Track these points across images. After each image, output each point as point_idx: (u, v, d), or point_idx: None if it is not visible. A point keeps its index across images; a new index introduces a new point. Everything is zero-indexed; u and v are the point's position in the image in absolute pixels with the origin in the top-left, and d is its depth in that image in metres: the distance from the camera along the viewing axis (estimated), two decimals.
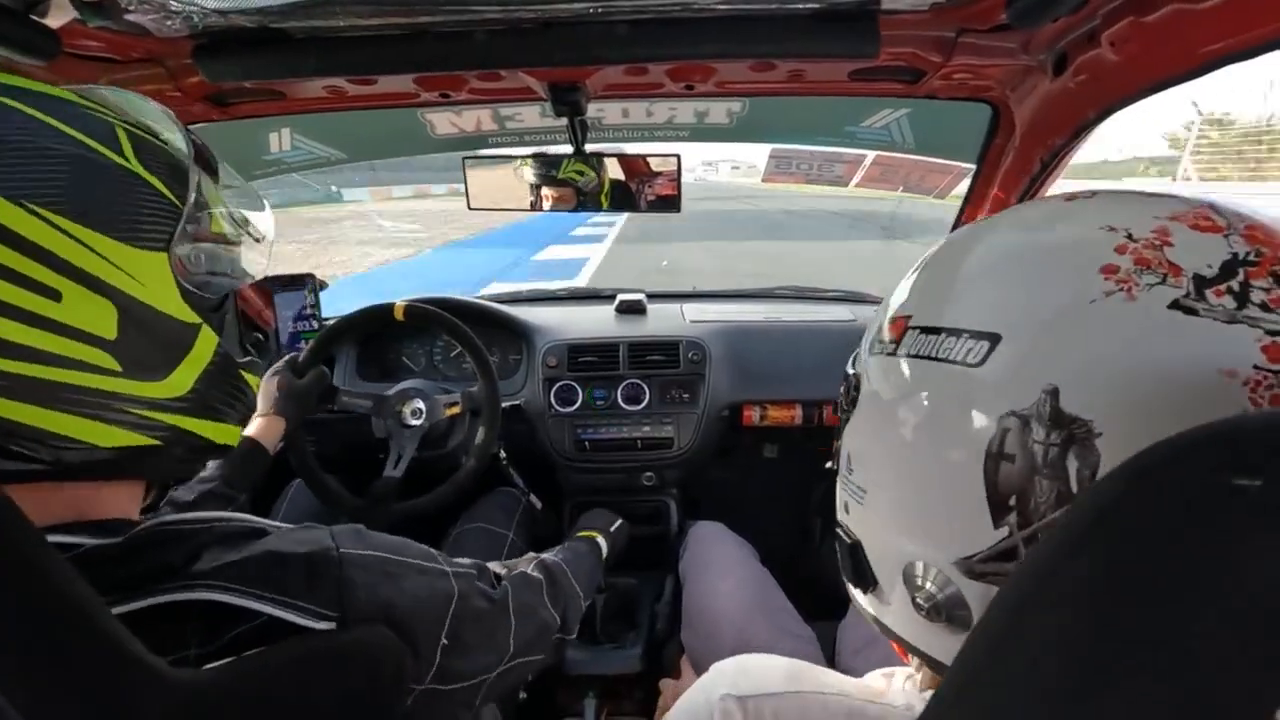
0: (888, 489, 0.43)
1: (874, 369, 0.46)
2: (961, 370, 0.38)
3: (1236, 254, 0.34)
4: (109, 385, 0.43)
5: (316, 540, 0.50)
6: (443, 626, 0.57)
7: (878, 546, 0.45)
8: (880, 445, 0.44)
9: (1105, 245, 0.36)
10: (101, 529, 0.45)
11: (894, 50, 0.92)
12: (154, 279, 0.45)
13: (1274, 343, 0.31)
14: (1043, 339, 0.36)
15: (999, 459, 0.35)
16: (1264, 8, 0.59)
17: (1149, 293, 0.34)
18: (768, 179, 1.77)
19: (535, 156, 1.19)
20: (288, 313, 1.40)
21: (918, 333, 0.42)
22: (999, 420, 0.35)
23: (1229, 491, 0.23)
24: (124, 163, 0.44)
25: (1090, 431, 0.33)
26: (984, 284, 0.41)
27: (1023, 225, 0.45)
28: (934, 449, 0.39)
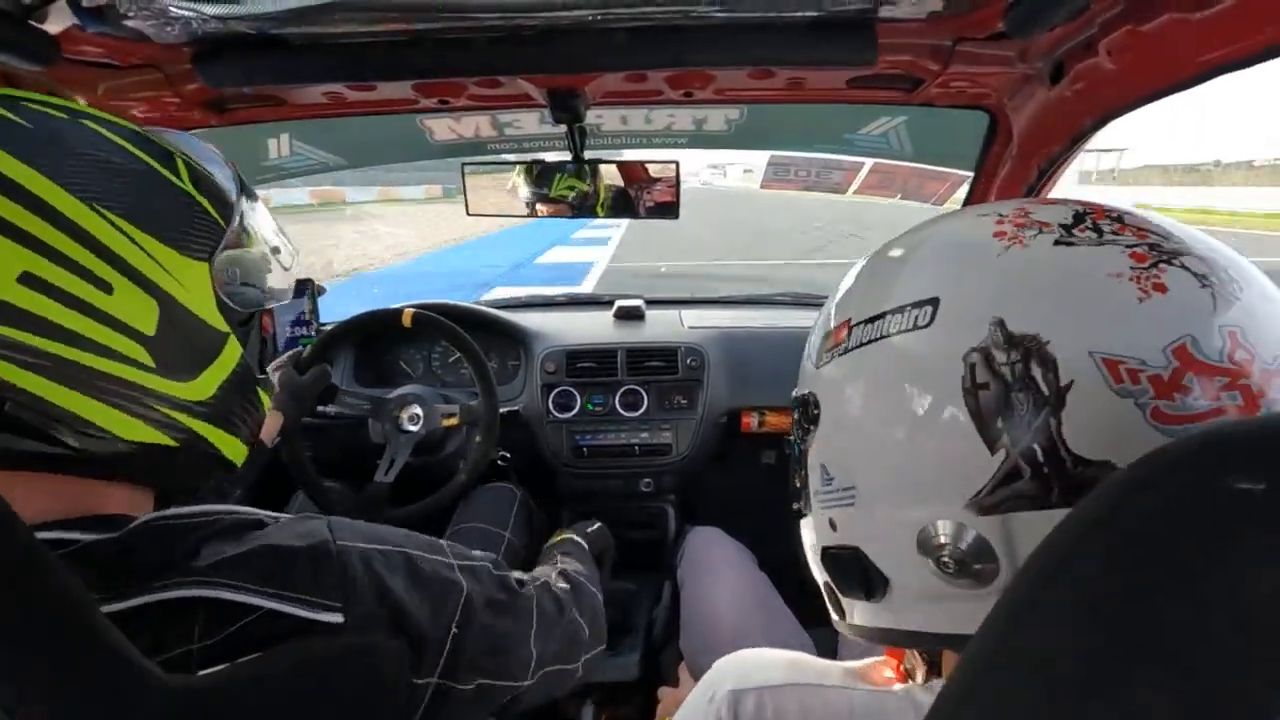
0: (880, 471, 0.46)
1: (828, 376, 0.50)
2: (915, 334, 0.43)
3: (1077, 211, 0.44)
4: (141, 379, 0.45)
5: (315, 532, 0.50)
6: (448, 618, 0.56)
7: (881, 535, 0.46)
8: (859, 438, 0.47)
9: (986, 224, 0.45)
10: (100, 524, 0.45)
11: (892, 58, 0.92)
12: (195, 285, 0.49)
13: (1134, 251, 0.40)
14: (972, 288, 0.43)
15: (975, 391, 0.40)
16: (1260, 17, 0.59)
17: (1035, 239, 0.42)
18: (766, 185, 1.78)
19: (530, 167, 1.19)
20: (286, 318, 1.40)
21: (863, 325, 0.47)
22: (964, 359, 0.40)
23: (1232, 495, 0.23)
24: (181, 184, 0.50)
25: (1039, 341, 0.39)
26: (907, 271, 0.48)
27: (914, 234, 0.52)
28: (914, 409, 0.43)
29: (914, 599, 0.45)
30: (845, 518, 0.48)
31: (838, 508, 0.48)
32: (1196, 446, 0.26)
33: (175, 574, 0.44)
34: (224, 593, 0.44)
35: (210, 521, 0.48)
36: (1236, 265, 0.41)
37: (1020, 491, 0.39)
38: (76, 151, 0.44)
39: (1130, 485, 0.26)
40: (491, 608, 0.62)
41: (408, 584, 0.53)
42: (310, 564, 0.48)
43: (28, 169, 0.41)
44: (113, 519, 0.46)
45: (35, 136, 0.43)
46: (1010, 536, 0.40)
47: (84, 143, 0.45)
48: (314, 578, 0.47)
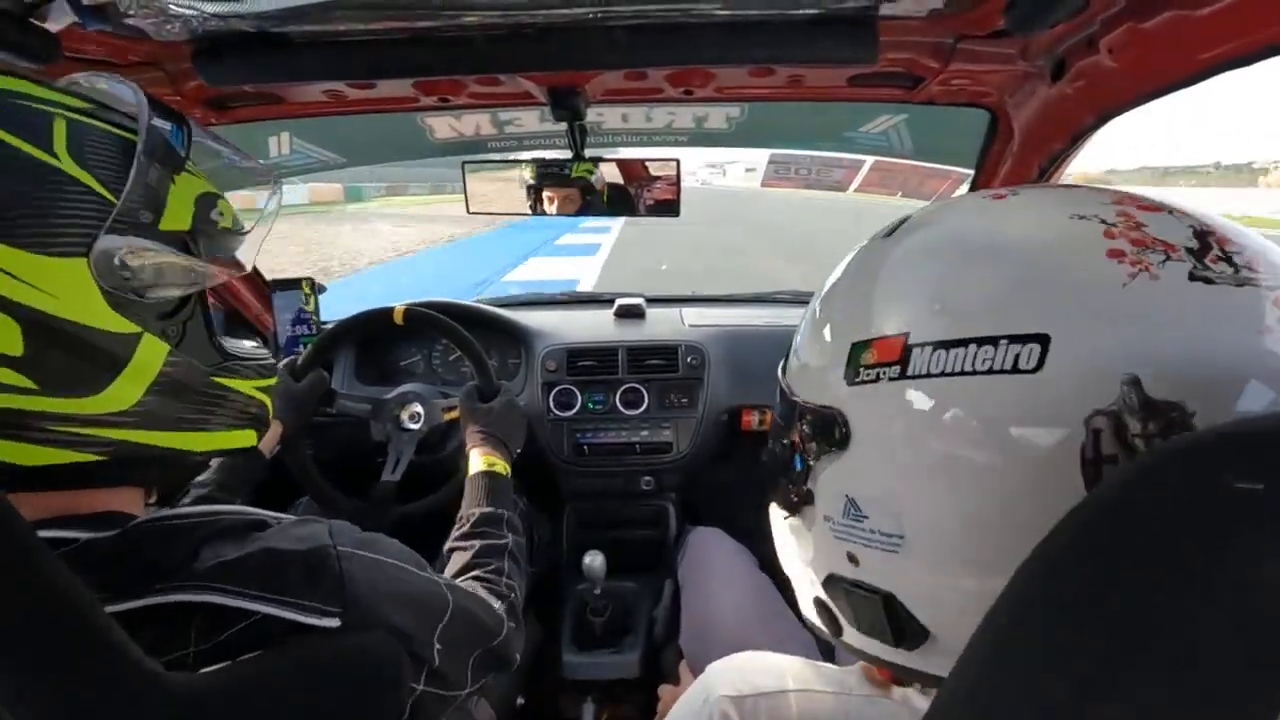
0: (946, 531, 0.39)
1: (875, 399, 0.41)
2: (1014, 379, 0.35)
3: (1193, 227, 0.36)
4: (23, 404, 0.40)
5: (315, 537, 0.50)
6: (434, 630, 0.57)
7: (933, 595, 0.40)
8: (919, 488, 0.39)
9: (1093, 231, 0.37)
10: (98, 523, 0.45)
11: (892, 56, 0.92)
12: (69, 289, 0.41)
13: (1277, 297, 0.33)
14: (1095, 330, 0.35)
15: (1098, 463, 0.33)
16: (1262, 14, 0.59)
17: (1165, 269, 0.34)
18: (766, 184, 1.78)
19: (534, 162, 1.19)
20: (286, 316, 1.40)
21: (929, 349, 0.38)
22: (1086, 422, 0.33)
23: (1231, 495, 0.23)
24: (48, 159, 0.40)
25: (1184, 412, 0.32)
26: (994, 286, 0.38)
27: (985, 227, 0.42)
28: (1009, 472, 0.36)
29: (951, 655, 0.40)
30: (879, 562, 0.42)
31: (869, 549, 0.42)
32: (1195, 447, 0.26)
33: (174, 578, 0.43)
34: (221, 598, 0.43)
35: (210, 521, 0.48)
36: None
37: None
38: None
39: (1129, 485, 0.26)
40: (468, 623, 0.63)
41: (400, 595, 0.53)
42: (308, 569, 0.47)
43: None
44: (112, 517, 0.46)
45: None
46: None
47: None
48: (311, 583, 0.47)
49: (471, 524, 0.87)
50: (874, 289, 0.44)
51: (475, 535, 0.86)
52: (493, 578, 0.80)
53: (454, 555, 0.83)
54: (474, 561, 0.82)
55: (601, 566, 1.32)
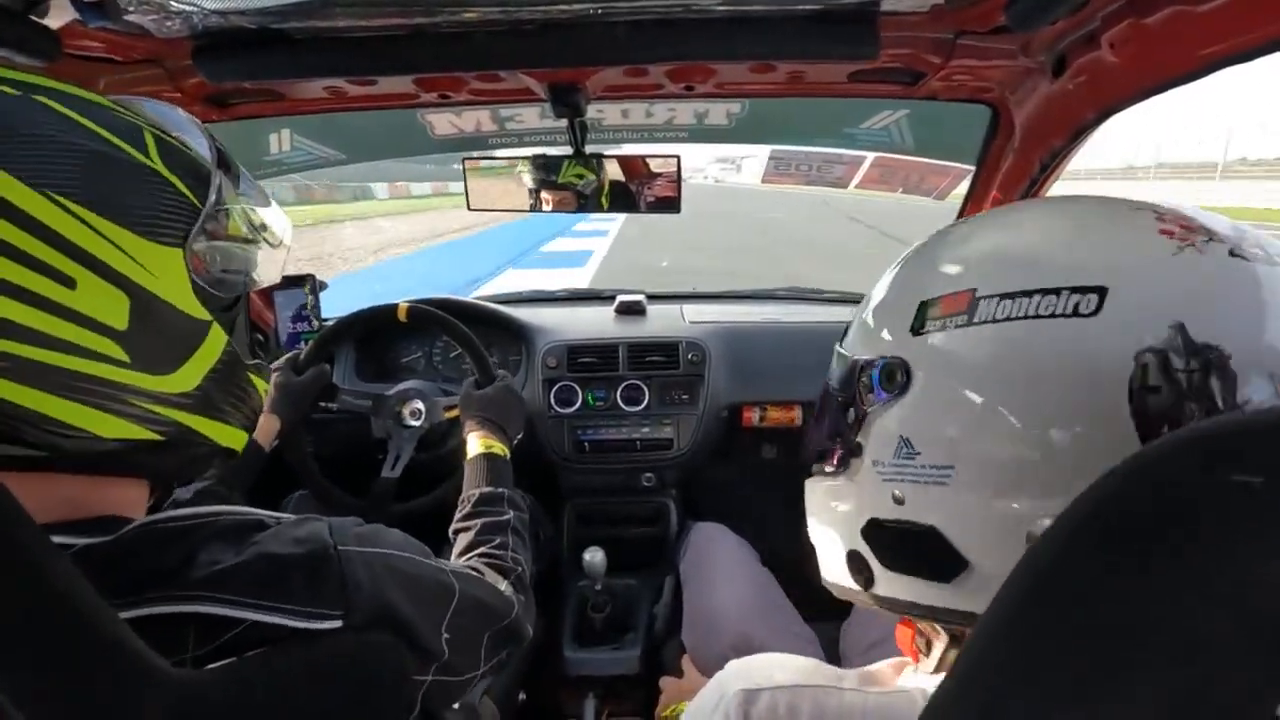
0: (999, 459, 0.43)
1: (937, 345, 0.46)
2: (1075, 321, 0.41)
3: (1235, 225, 0.42)
4: (116, 375, 0.43)
5: (315, 538, 0.49)
6: (442, 621, 0.57)
7: (975, 522, 0.44)
8: (976, 420, 0.43)
9: (1147, 217, 0.43)
10: (94, 528, 0.45)
11: (893, 52, 0.92)
12: (168, 273, 0.46)
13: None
14: (1149, 285, 0.40)
15: (1145, 392, 0.38)
16: (1263, 10, 0.59)
17: (1209, 245, 0.40)
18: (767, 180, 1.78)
19: (534, 159, 1.19)
20: (287, 313, 1.40)
21: (995, 300, 0.43)
22: (1136, 357, 0.38)
23: (1231, 488, 0.23)
24: (148, 162, 0.45)
25: (1223, 354, 0.37)
26: (1059, 251, 0.44)
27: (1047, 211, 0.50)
28: (1065, 400, 0.41)
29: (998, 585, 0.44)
30: (925, 495, 0.46)
31: (916, 484, 0.46)
32: (1194, 441, 0.26)
33: (170, 587, 0.43)
34: (218, 608, 0.43)
35: (208, 523, 0.47)
36: None
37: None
38: (28, 133, 0.41)
39: (1128, 479, 0.26)
40: (477, 608, 0.64)
41: (404, 589, 0.53)
42: (308, 572, 0.47)
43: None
44: (109, 521, 0.46)
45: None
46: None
47: (37, 123, 0.42)
48: (312, 586, 0.47)
49: (472, 504, 0.90)
50: (941, 255, 0.50)
51: (477, 514, 0.88)
52: (498, 553, 0.81)
53: (459, 537, 0.86)
54: (477, 539, 0.83)
55: (602, 563, 1.32)
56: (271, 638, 0.44)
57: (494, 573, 0.76)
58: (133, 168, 0.45)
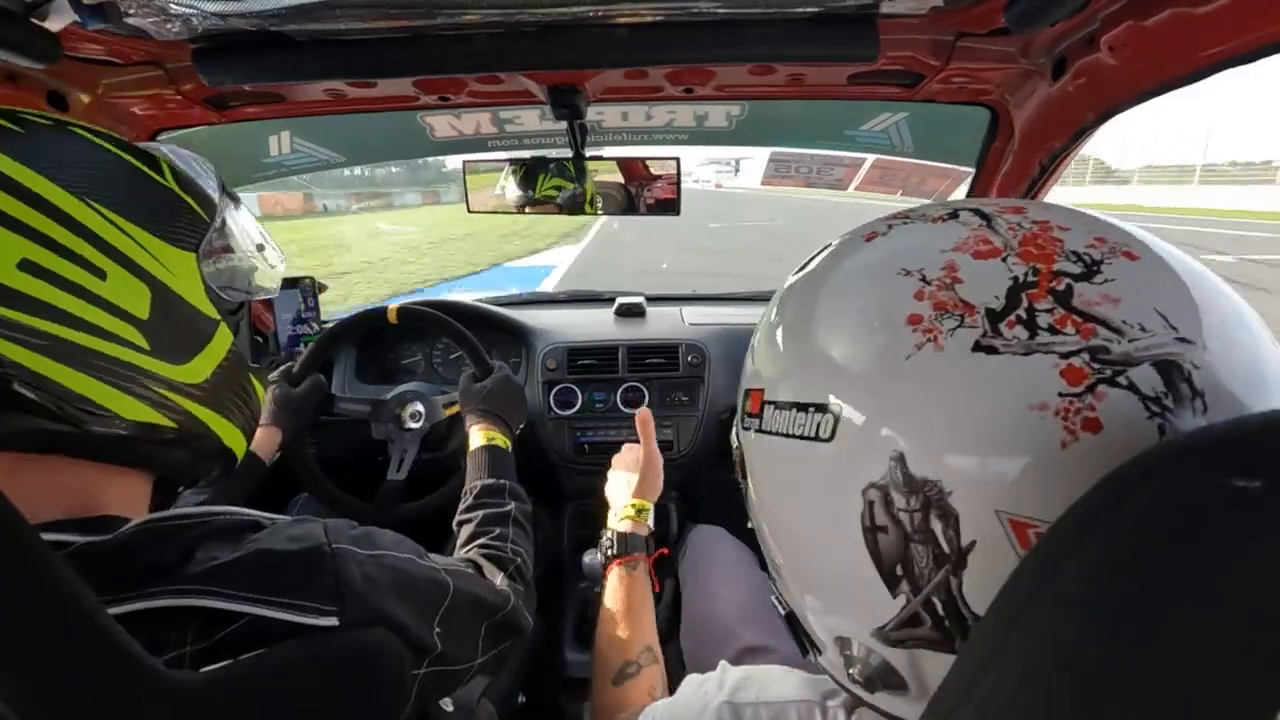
0: (798, 563, 0.43)
1: (748, 445, 0.45)
2: (818, 446, 0.38)
3: (1016, 277, 0.35)
4: (137, 360, 0.48)
5: (310, 536, 0.51)
6: (435, 618, 0.58)
7: (806, 617, 0.44)
8: (777, 521, 0.44)
9: (905, 292, 0.37)
10: (92, 526, 0.46)
11: (893, 54, 0.92)
12: (184, 273, 0.52)
13: (1069, 365, 0.31)
14: (876, 404, 0.36)
15: (875, 531, 0.35)
16: (1262, 11, 0.59)
17: (952, 338, 0.34)
18: (766, 182, 1.78)
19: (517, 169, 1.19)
20: (286, 315, 1.40)
21: (773, 408, 0.42)
22: (863, 494, 0.35)
23: (1229, 493, 0.23)
24: (165, 183, 0.53)
25: (942, 491, 0.33)
26: (810, 353, 0.41)
27: (835, 281, 0.44)
28: (820, 526, 0.39)
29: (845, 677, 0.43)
30: (779, 580, 0.46)
31: (772, 567, 0.47)
32: (1192, 446, 0.26)
33: (167, 581, 0.44)
34: (215, 601, 0.44)
35: (205, 522, 0.48)
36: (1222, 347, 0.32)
37: (923, 636, 0.35)
38: (70, 153, 0.48)
39: (1125, 484, 0.26)
40: (471, 604, 0.65)
41: (397, 588, 0.54)
42: (303, 568, 0.48)
43: (25, 168, 0.44)
44: (107, 521, 0.47)
45: (31, 141, 0.47)
46: (918, 666, 0.37)
47: (75, 146, 0.49)
48: (307, 583, 0.47)
49: (474, 496, 0.91)
50: (755, 342, 0.48)
51: (478, 506, 0.90)
52: (497, 544, 0.82)
53: (461, 528, 0.87)
54: (478, 531, 0.85)
55: (602, 565, 1.32)
56: (268, 635, 0.45)
57: (491, 565, 0.77)
58: (153, 185, 0.52)
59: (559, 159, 1.18)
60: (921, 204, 0.47)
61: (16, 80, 0.88)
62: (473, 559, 0.78)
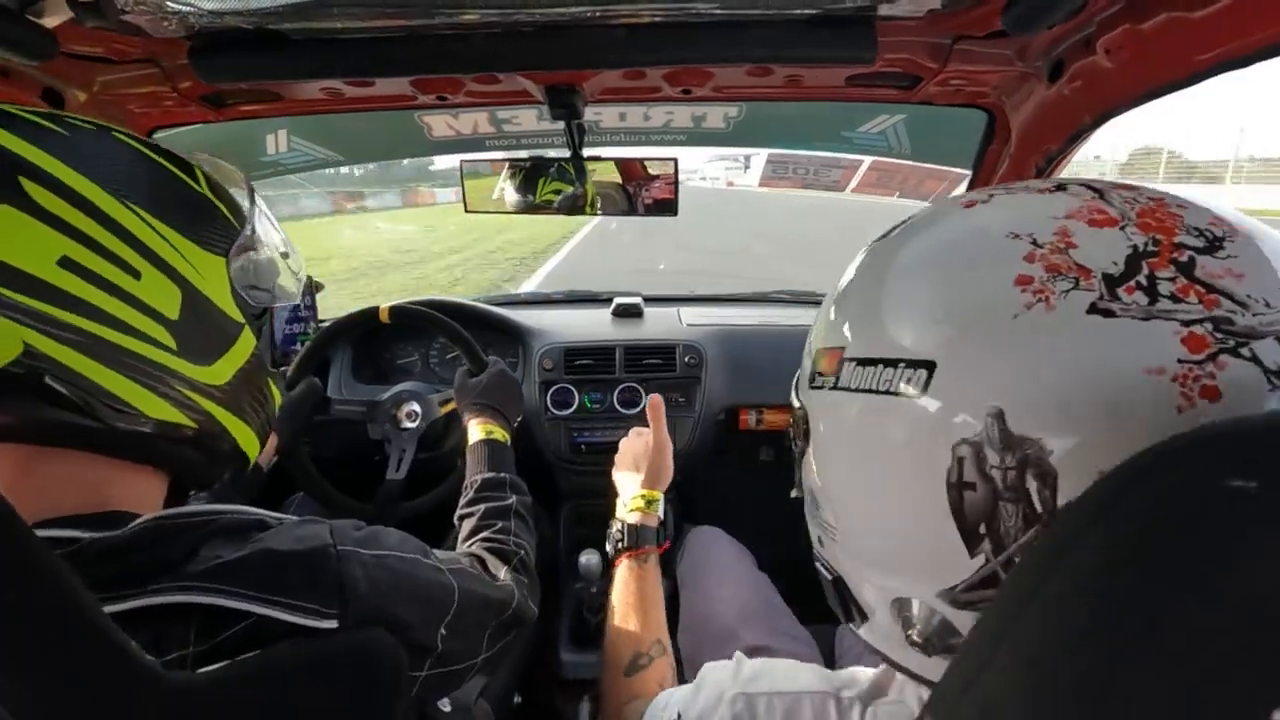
0: (858, 527, 0.42)
1: (817, 405, 0.44)
2: (906, 402, 0.37)
3: (1136, 246, 0.34)
4: (164, 359, 0.49)
5: (316, 537, 0.51)
6: (439, 620, 0.58)
7: (861, 582, 0.44)
8: (841, 483, 0.43)
9: (1015, 254, 0.36)
10: (100, 523, 0.46)
11: (890, 56, 0.92)
12: (213, 276, 0.53)
13: (1190, 333, 0.31)
14: (976, 361, 0.35)
15: (960, 488, 0.35)
16: (1258, 15, 0.60)
17: (1065, 299, 0.34)
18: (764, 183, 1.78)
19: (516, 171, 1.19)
20: (283, 314, 1.40)
21: (854, 365, 0.41)
22: (953, 450, 0.35)
23: (1226, 492, 0.23)
24: (200, 189, 0.54)
25: (1042, 450, 0.32)
26: (907, 309, 0.40)
27: (933, 242, 0.43)
28: (896, 484, 0.38)
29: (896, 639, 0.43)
30: (830, 547, 0.46)
31: (824, 534, 0.46)
32: (1189, 446, 0.26)
33: (171, 578, 0.44)
34: (218, 599, 0.44)
35: (210, 521, 0.48)
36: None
37: None
38: (110, 156, 0.49)
39: (1125, 483, 0.26)
40: (477, 605, 0.65)
41: (402, 590, 0.54)
42: (308, 569, 0.48)
43: (67, 168, 0.45)
44: (116, 517, 0.47)
45: (74, 143, 0.47)
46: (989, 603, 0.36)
47: (116, 149, 0.50)
48: (311, 583, 0.47)
49: (475, 490, 0.92)
50: (834, 302, 0.47)
51: (479, 500, 0.90)
52: (500, 538, 0.82)
53: (463, 523, 0.88)
54: (480, 525, 0.85)
55: (598, 565, 1.32)
56: (269, 636, 0.45)
57: (495, 559, 0.78)
58: (189, 191, 0.53)
59: (558, 160, 1.18)
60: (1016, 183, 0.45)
61: (11, 77, 0.88)
62: (476, 553, 0.78)
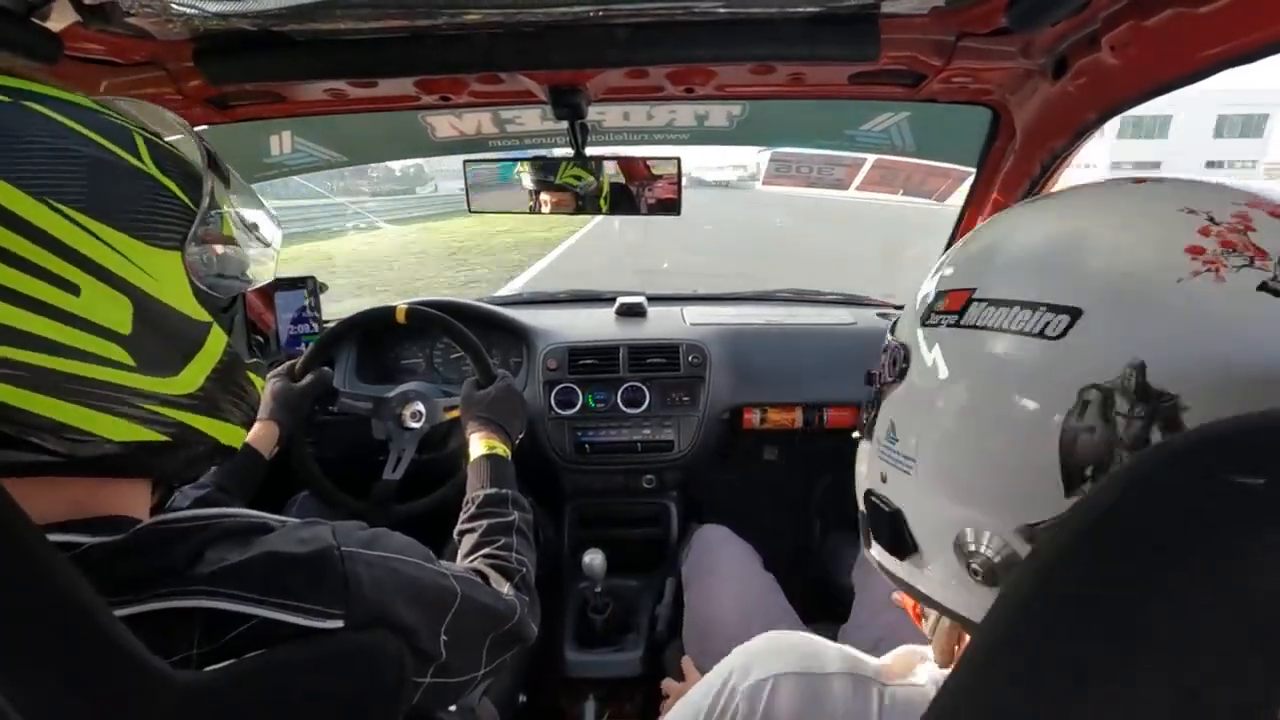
0: (945, 458, 0.43)
1: (931, 340, 0.46)
2: (1039, 342, 0.38)
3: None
4: (122, 379, 0.44)
5: (318, 539, 0.50)
6: (442, 624, 0.57)
7: (927, 515, 0.45)
8: (937, 415, 0.44)
9: (1188, 227, 0.37)
10: (102, 527, 0.45)
11: (894, 54, 0.92)
12: (168, 277, 0.46)
13: None
14: (1128, 314, 0.36)
15: (1077, 430, 0.36)
16: (1263, 11, 0.59)
17: (1238, 274, 0.34)
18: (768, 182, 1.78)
19: (534, 160, 1.20)
20: (287, 315, 1.40)
21: (984, 305, 0.42)
22: (1080, 392, 0.36)
23: (1232, 490, 0.23)
24: (141, 166, 0.46)
25: (1177, 406, 0.33)
26: (1059, 259, 0.41)
27: (1094, 204, 0.45)
28: (1004, 418, 0.39)
29: (939, 576, 0.45)
30: (898, 480, 0.47)
31: (894, 468, 0.47)
32: (1195, 443, 0.26)
33: (176, 582, 0.44)
34: (223, 603, 0.44)
35: (214, 524, 0.48)
36: None
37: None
38: (24, 141, 0.41)
39: (1131, 481, 0.26)
40: (479, 613, 0.64)
41: (405, 592, 0.54)
42: (311, 571, 0.48)
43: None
44: (117, 521, 0.46)
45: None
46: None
47: (32, 130, 0.42)
48: (315, 585, 0.47)
49: (477, 505, 0.90)
50: (973, 243, 0.49)
51: (481, 515, 0.88)
52: (502, 554, 0.82)
53: (464, 538, 0.86)
54: (482, 540, 0.84)
55: (602, 565, 1.32)
56: (274, 636, 0.44)
57: (498, 575, 0.77)
58: (128, 172, 0.45)
59: (563, 159, 1.18)
60: None
61: None
62: (478, 569, 0.77)
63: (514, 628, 0.71)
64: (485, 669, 0.65)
